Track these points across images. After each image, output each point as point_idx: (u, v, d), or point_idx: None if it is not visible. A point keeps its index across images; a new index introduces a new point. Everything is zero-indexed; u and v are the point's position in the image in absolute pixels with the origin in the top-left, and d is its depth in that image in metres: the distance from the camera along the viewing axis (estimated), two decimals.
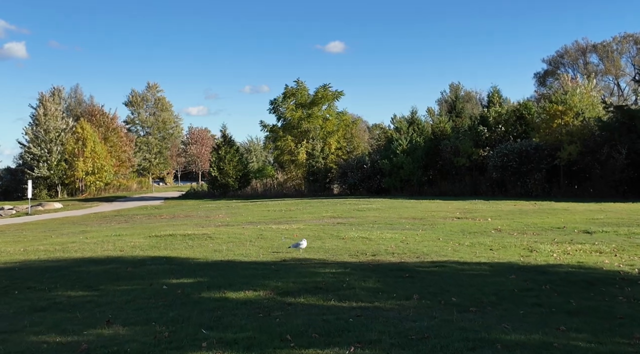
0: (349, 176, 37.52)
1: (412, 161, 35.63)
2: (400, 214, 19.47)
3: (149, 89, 78.98)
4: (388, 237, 12.62)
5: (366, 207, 22.87)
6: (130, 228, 17.84)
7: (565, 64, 71.68)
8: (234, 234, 13.70)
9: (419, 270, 8.44)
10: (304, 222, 17.68)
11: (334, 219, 18.33)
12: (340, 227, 15.32)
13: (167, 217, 23.66)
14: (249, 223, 18.03)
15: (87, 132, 49.36)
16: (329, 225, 16.28)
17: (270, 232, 14.07)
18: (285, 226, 15.72)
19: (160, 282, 7.92)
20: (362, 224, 16.10)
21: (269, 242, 12.27)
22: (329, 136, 42.77)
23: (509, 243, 11.27)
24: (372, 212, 20.77)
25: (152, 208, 31.45)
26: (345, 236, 12.96)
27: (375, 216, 19.03)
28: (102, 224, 21.57)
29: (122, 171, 58.52)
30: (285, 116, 43.14)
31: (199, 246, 11.83)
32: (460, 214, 18.55)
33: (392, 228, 14.94)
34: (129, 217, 24.58)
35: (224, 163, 41.57)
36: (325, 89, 43.49)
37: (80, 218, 25.82)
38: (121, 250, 11.65)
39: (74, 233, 16.81)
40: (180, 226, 17.49)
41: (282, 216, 20.33)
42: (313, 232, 13.99)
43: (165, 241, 12.85)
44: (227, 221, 19.30)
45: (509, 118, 33.56)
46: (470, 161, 33.54)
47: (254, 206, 28.56)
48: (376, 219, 17.62)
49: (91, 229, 18.04)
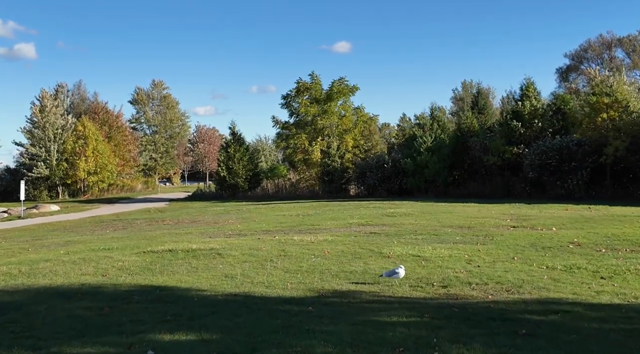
0: (368, 176, 34.68)
1: (437, 160, 32.78)
2: (439, 220, 16.67)
3: (154, 86, 76.39)
4: (446, 256, 9.84)
5: (395, 212, 20.07)
6: (126, 238, 15.17)
7: (589, 59, 68.46)
8: (249, 250, 10.97)
9: (532, 319, 5.66)
10: (329, 231, 14.92)
11: (364, 228, 15.57)
12: (377, 240, 12.56)
13: (170, 223, 21.01)
14: (264, 232, 15.30)
15: (88, 130, 46.84)
16: (362, 235, 13.52)
17: (293, 247, 11.32)
18: (309, 238, 12.98)
19: (144, 340, 5.20)
20: (402, 235, 13.32)
21: (295, 262, 9.53)
22: (345, 134, 39.95)
23: (617, 267, 8.46)
24: (405, 218, 17.97)
25: (155, 211, 28.83)
26: (391, 254, 10.19)
27: (412, 223, 16.23)
28: (95, 231, 18.93)
29: (127, 170, 56.00)
30: (299, 112, 40.33)
31: (205, 269, 9.11)
32: (513, 222, 15.70)
33: (441, 241, 12.16)
34: (128, 222, 21.95)
35: (233, 162, 38.86)
36: (341, 82, 40.64)
37: (74, 223, 23.22)
38: (104, 274, 8.95)
39: (57, 245, 14.16)
40: (183, 236, 14.80)
41: (302, 223, 17.59)
42: (347, 247, 11.23)
43: (163, 259, 10.14)
44: (239, 228, 16.58)
45: (544, 113, 30.61)
46: (501, 159, 30.64)
47: (266, 209, 25.86)
48: (415, 228, 14.83)
49: (79, 239, 15.39)
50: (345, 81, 40.89)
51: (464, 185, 32.39)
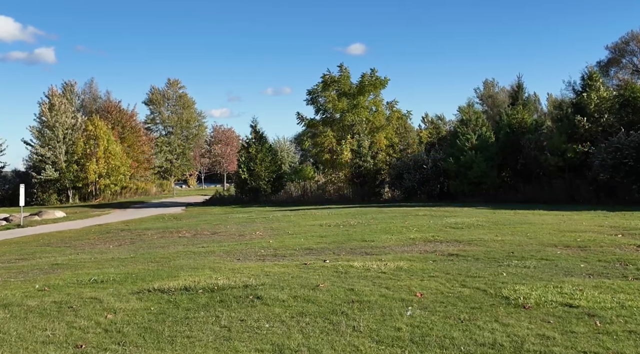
0: (406, 178, 31.09)
1: (484, 160, 29.09)
2: (527, 235, 13.04)
3: (170, 85, 73.59)
4: (616, 306, 6.26)
5: (457, 223, 16.47)
6: (130, 260, 11.82)
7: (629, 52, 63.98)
8: (300, 287, 7.52)
9: None
10: (393, 251, 11.41)
11: (435, 246, 12.03)
12: (471, 268, 8.99)
13: (187, 234, 17.69)
14: (307, 251, 11.85)
15: (99, 129, 43.96)
16: (443, 259, 9.99)
17: (362, 282, 7.81)
18: (374, 263, 9.47)
19: None
20: (499, 260, 9.74)
21: (381, 318, 6.02)
22: (376, 131, 36.39)
23: None
24: (477, 231, 14.38)
25: (169, 218, 25.58)
26: (523, 301, 6.61)
27: (494, 239, 12.62)
28: (96, 245, 15.65)
29: (141, 172, 53.10)
30: (326, 107, 36.87)
31: (243, 331, 5.67)
32: (632, 239, 12.04)
33: (568, 272, 8.57)
34: (138, 234, 18.67)
35: (255, 163, 35.51)
36: (372, 74, 37.11)
37: (76, 234, 20.03)
38: (78, 343, 5.54)
39: (39, 270, 10.87)
40: (204, 258, 11.40)
41: (349, 237, 14.08)
42: (440, 283, 7.69)
43: (176, 308, 6.71)
44: (273, 245, 13.13)
45: (612, 105, 26.73)
46: (563, 159, 26.82)
47: (296, 216, 22.41)
48: (506, 247, 11.23)
49: (71, 261, 12.07)
50: (376, 73, 37.40)
51: (517, 188, 28.62)
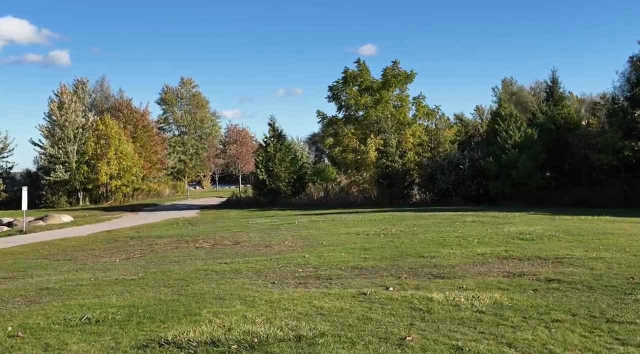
0: (439, 179, 28.57)
1: (528, 159, 26.48)
2: (627, 251, 10.54)
3: (183, 85, 71.66)
4: None
5: (522, 232, 13.98)
6: (137, 283, 9.53)
7: None
8: (376, 338, 5.16)
9: None
10: (467, 272, 8.97)
11: (517, 264, 9.58)
12: (600, 303, 6.54)
13: (204, 244, 15.39)
14: (357, 272, 9.45)
15: (111, 129, 41.97)
16: (546, 288, 7.55)
17: (466, 334, 5.42)
18: (460, 295, 7.06)
19: None
20: (622, 288, 7.29)
21: None
22: (403, 129, 33.92)
23: None
24: (555, 243, 11.89)
25: (184, 224, 23.35)
26: None
27: (588, 256, 10.12)
28: (101, 258, 13.40)
29: (153, 173, 51.10)
30: (349, 103, 34.45)
31: None
32: None
33: None
34: (149, 243, 16.41)
35: (274, 164, 33.19)
36: (395, 67, 34.58)
37: (80, 243, 17.83)
38: None
39: (21, 299, 8.63)
40: (228, 281, 9.06)
41: (401, 251, 11.65)
42: (582, 337, 5.27)
43: None
44: (311, 262, 10.74)
45: None
46: (618, 158, 24.15)
47: (325, 222, 20.03)
48: (622, 271, 8.74)
49: (65, 282, 9.80)
50: (398, 65, 34.85)
51: (564, 190, 25.97)
